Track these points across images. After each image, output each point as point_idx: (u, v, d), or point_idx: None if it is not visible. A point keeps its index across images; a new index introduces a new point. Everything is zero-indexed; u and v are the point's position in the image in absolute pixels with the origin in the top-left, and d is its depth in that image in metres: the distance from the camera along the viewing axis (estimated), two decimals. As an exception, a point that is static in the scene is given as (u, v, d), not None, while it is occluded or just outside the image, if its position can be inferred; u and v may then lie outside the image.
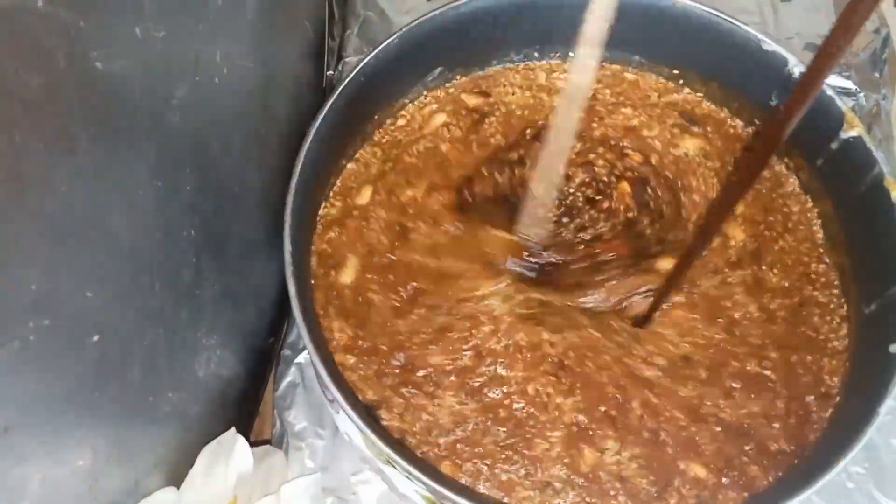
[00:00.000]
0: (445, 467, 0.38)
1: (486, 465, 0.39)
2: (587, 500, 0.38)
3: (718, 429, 0.39)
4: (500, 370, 0.40)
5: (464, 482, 0.38)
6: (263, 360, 0.47)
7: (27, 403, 0.24)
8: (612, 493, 0.38)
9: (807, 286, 0.43)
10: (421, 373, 0.41)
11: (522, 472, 0.38)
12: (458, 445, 0.39)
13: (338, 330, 0.42)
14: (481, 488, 0.38)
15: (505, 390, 0.40)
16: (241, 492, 0.39)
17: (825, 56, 0.24)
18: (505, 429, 0.39)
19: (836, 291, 0.43)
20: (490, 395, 0.40)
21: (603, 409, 0.40)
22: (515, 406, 0.40)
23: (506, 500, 0.38)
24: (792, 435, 0.39)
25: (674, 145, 0.48)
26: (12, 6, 0.20)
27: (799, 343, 0.42)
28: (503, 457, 0.39)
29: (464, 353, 0.41)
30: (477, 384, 0.40)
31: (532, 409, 0.40)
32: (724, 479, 0.38)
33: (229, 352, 0.41)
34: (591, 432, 0.39)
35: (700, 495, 0.38)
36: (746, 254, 0.44)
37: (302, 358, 0.45)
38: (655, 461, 0.39)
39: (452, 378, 0.40)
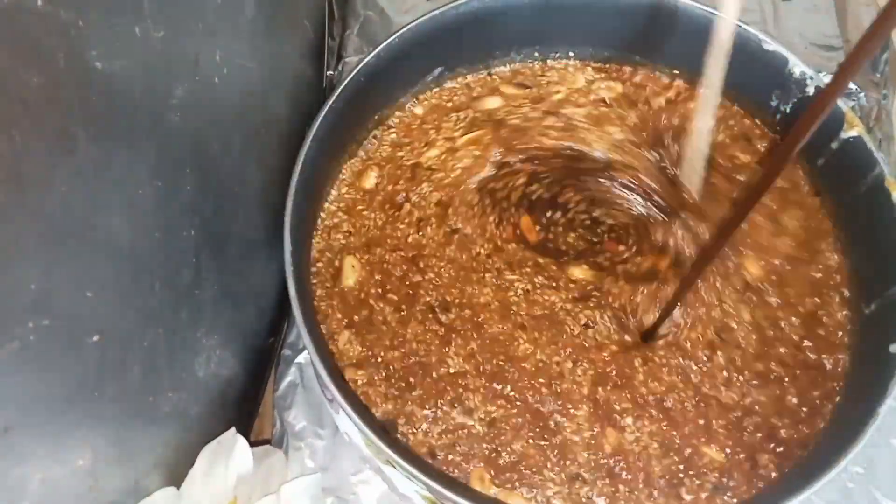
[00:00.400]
0: (476, 476, 0.38)
1: (520, 467, 0.38)
2: (616, 485, 0.38)
3: (723, 423, 0.40)
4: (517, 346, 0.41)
5: (495, 490, 0.38)
6: (263, 360, 0.47)
7: (27, 403, 0.24)
8: (636, 476, 0.38)
9: (807, 286, 0.43)
10: (435, 377, 0.40)
11: (554, 467, 0.38)
12: (489, 449, 0.39)
13: (338, 330, 0.42)
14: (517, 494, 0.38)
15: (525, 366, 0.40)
16: (241, 492, 0.39)
17: (845, 71, 0.25)
18: (532, 419, 0.39)
19: (835, 291, 0.43)
20: (513, 382, 0.40)
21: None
22: (541, 388, 0.40)
23: (538, 497, 0.38)
24: (792, 435, 0.39)
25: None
26: (12, 6, 0.20)
27: (799, 343, 0.42)
28: (535, 454, 0.39)
29: (476, 345, 0.41)
30: (497, 375, 0.40)
31: (554, 383, 0.40)
32: (734, 469, 0.38)
33: (229, 352, 0.41)
34: (610, 403, 0.39)
35: (718, 481, 0.38)
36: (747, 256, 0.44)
37: (302, 358, 0.45)
38: (672, 440, 0.39)
39: (470, 376, 0.40)
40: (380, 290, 0.43)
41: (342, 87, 0.43)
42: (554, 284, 0.43)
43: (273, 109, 0.43)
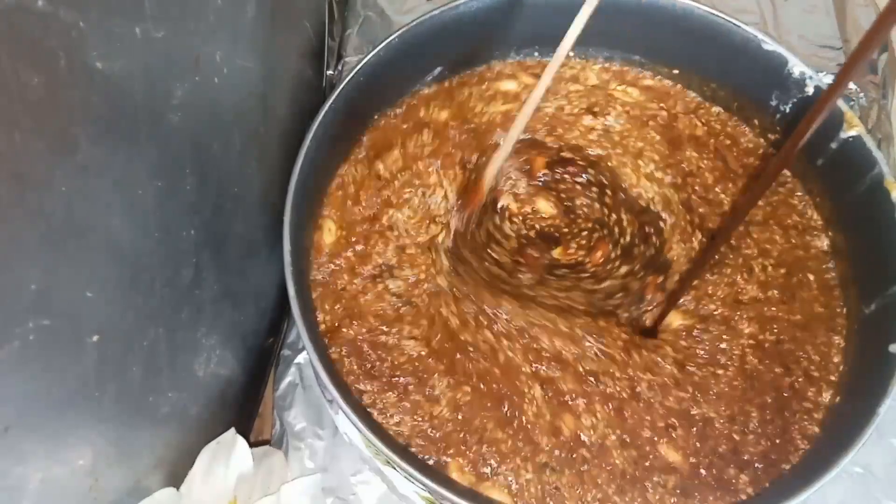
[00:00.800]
0: (454, 467, 0.38)
1: (492, 455, 0.38)
2: (579, 475, 0.38)
3: (708, 424, 0.39)
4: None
5: (469, 479, 0.38)
6: (263, 360, 0.47)
7: (27, 403, 0.24)
8: (596, 467, 0.38)
9: (806, 286, 0.43)
10: (412, 369, 0.40)
11: (521, 454, 0.38)
12: (461, 438, 0.39)
13: (332, 327, 0.42)
14: (489, 484, 0.38)
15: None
16: (241, 492, 0.39)
17: (844, 76, 0.25)
18: (494, 403, 0.39)
19: (835, 292, 0.43)
20: (469, 362, 0.40)
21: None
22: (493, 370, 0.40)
23: (513, 485, 0.38)
24: (791, 435, 0.39)
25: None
26: (12, 6, 0.20)
27: (798, 343, 0.42)
28: (504, 440, 0.39)
29: (426, 323, 0.41)
30: (467, 366, 0.40)
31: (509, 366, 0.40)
32: (711, 474, 0.38)
33: (229, 352, 0.41)
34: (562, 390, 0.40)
35: (679, 485, 0.38)
36: (743, 255, 0.44)
37: (301, 358, 0.45)
38: (635, 438, 0.39)
39: (443, 369, 0.40)
40: (377, 286, 0.43)
41: (342, 86, 0.43)
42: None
43: (273, 109, 0.43)
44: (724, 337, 0.42)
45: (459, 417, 0.39)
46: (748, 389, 0.40)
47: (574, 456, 0.39)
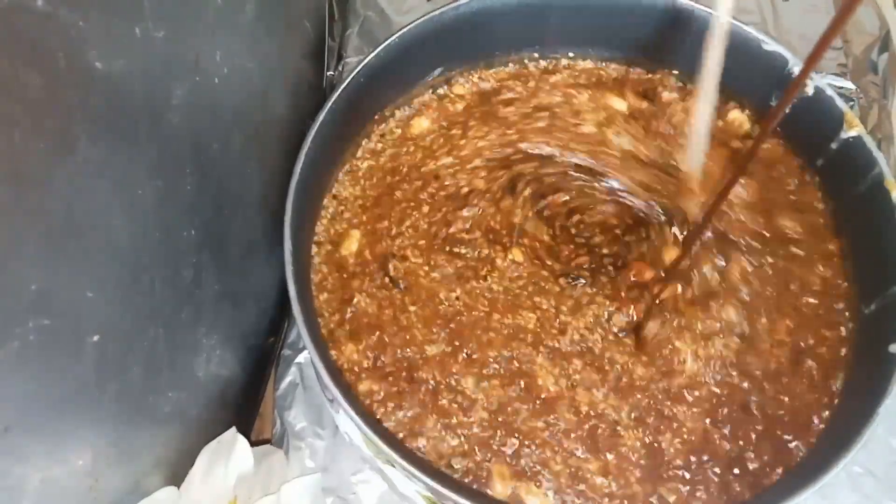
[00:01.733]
0: (497, 473, 0.38)
1: (529, 450, 0.38)
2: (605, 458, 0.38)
3: (718, 419, 0.39)
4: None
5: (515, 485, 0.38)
6: (263, 360, 0.47)
7: (27, 403, 0.24)
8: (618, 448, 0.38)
9: (806, 286, 0.43)
10: (432, 376, 0.40)
11: (554, 442, 0.39)
12: (498, 439, 0.39)
13: (336, 329, 0.42)
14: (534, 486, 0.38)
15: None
16: (241, 492, 0.39)
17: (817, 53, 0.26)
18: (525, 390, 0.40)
19: (835, 291, 0.43)
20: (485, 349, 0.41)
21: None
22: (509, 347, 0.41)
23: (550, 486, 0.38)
24: (789, 435, 0.39)
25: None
26: (12, 6, 0.20)
27: (798, 343, 0.42)
28: (538, 429, 0.39)
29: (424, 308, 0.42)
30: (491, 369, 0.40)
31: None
32: (713, 476, 0.38)
33: (229, 351, 0.41)
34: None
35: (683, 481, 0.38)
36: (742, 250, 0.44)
37: (302, 358, 0.45)
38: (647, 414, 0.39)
39: (448, 357, 0.40)
40: (378, 286, 0.43)
41: (342, 87, 0.43)
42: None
43: (273, 109, 0.43)
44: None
45: (493, 417, 0.39)
46: (750, 388, 0.40)
47: (593, 435, 0.39)
